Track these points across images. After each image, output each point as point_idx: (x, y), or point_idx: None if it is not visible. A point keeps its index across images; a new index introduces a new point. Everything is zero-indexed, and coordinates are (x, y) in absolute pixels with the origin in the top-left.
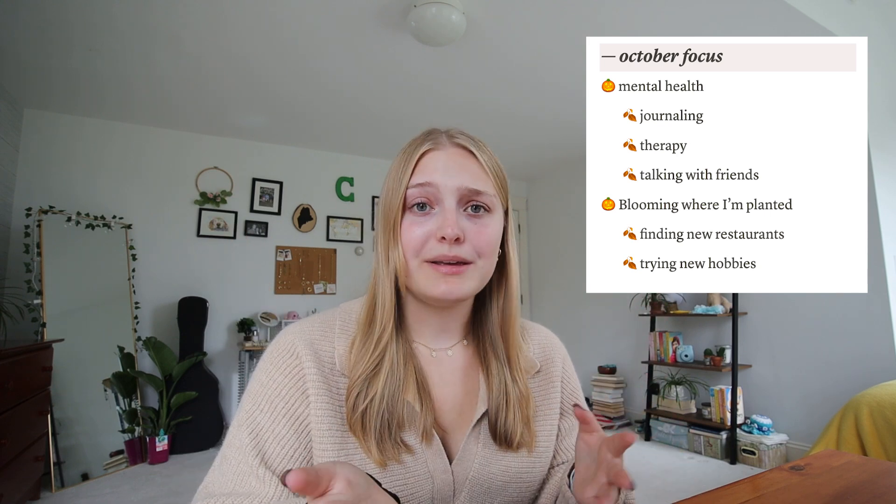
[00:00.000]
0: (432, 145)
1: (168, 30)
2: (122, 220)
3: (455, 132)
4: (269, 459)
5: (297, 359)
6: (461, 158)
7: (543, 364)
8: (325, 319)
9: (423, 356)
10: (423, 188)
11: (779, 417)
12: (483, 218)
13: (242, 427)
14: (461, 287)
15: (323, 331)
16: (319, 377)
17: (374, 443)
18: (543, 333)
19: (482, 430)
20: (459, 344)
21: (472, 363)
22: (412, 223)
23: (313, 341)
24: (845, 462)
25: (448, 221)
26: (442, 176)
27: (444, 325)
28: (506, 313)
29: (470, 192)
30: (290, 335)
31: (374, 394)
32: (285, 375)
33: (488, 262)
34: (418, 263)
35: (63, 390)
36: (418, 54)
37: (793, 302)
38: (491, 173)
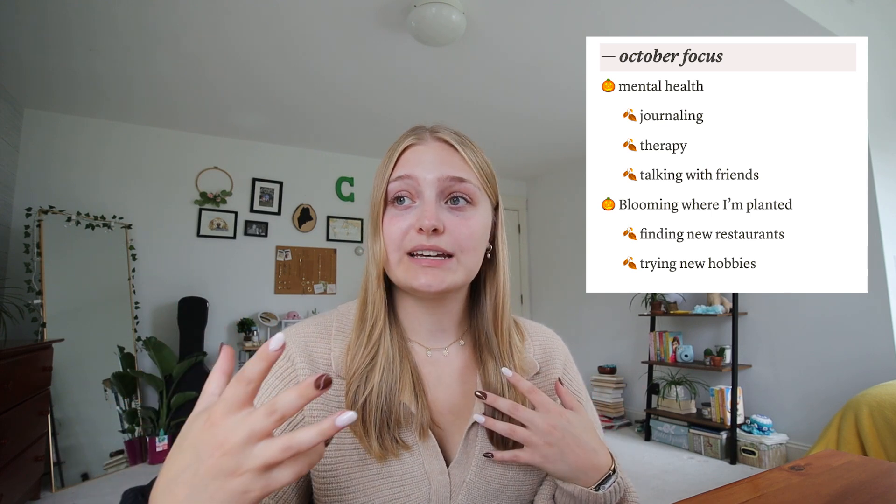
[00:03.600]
0: (414, 140)
1: (168, 30)
2: (122, 220)
3: (439, 127)
4: None
5: (290, 361)
6: (442, 152)
7: (543, 365)
8: (322, 322)
9: (419, 355)
10: (403, 181)
11: (779, 417)
12: (465, 210)
13: None
14: (442, 279)
15: (319, 333)
16: None
17: (374, 438)
18: (544, 333)
19: (480, 432)
20: (456, 344)
21: (470, 364)
22: (393, 217)
23: (308, 344)
24: (845, 462)
25: (426, 213)
26: (421, 169)
27: (438, 323)
28: (496, 309)
29: (450, 181)
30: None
31: (372, 387)
32: (277, 378)
33: (472, 256)
34: (399, 256)
35: (63, 390)
36: (418, 54)
37: (793, 302)
38: (474, 167)
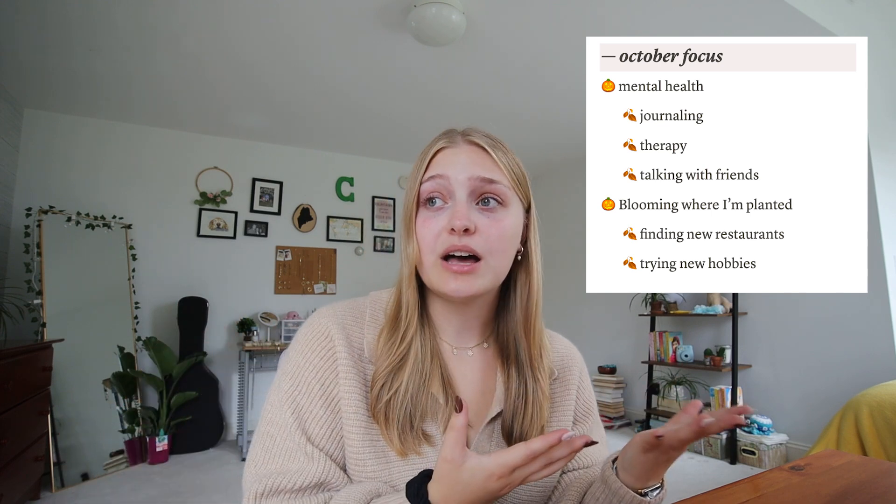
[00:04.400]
0: (446, 143)
1: (168, 30)
2: (122, 220)
3: (470, 130)
4: (312, 437)
5: (331, 341)
6: (473, 155)
7: (561, 372)
8: (356, 307)
9: (446, 353)
10: (435, 180)
11: (779, 417)
12: (496, 212)
13: (284, 406)
14: (472, 285)
15: (354, 317)
16: (350, 361)
17: (396, 433)
18: (563, 343)
19: (495, 430)
20: (479, 346)
21: (491, 364)
22: (426, 219)
23: (345, 326)
24: (845, 462)
25: (458, 213)
26: (453, 169)
27: (464, 323)
28: (528, 312)
29: (482, 182)
30: (323, 318)
31: (399, 386)
32: (320, 357)
33: (501, 259)
34: (433, 259)
35: (63, 390)
36: (418, 55)
37: (793, 302)
38: (506, 169)
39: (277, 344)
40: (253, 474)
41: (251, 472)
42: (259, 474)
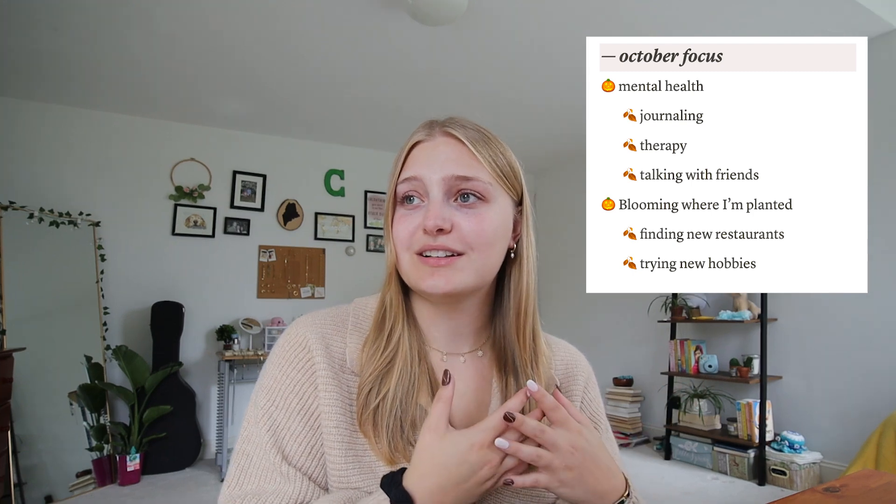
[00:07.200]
0: (423, 136)
1: (140, 7)
2: (89, 216)
3: (451, 122)
4: (289, 456)
5: (309, 352)
6: (447, 148)
7: (564, 381)
8: (338, 315)
9: (436, 360)
10: (410, 182)
11: (812, 434)
12: (476, 207)
13: (261, 424)
14: (450, 280)
15: (335, 326)
16: (330, 373)
17: (385, 440)
18: (567, 350)
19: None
20: (474, 353)
21: (486, 374)
22: (401, 217)
23: (325, 335)
24: (885, 483)
25: (430, 213)
26: (427, 169)
27: (455, 329)
28: (519, 312)
29: (457, 180)
30: (301, 327)
31: (387, 391)
32: (297, 370)
33: (484, 255)
34: (409, 257)
35: (25, 404)
36: (415, 35)
37: (827, 307)
38: (487, 164)
39: (260, 353)
40: (227, 496)
41: (225, 493)
42: (233, 496)
